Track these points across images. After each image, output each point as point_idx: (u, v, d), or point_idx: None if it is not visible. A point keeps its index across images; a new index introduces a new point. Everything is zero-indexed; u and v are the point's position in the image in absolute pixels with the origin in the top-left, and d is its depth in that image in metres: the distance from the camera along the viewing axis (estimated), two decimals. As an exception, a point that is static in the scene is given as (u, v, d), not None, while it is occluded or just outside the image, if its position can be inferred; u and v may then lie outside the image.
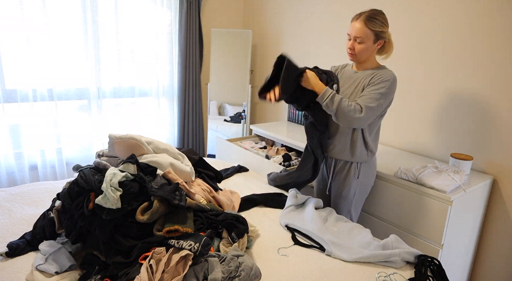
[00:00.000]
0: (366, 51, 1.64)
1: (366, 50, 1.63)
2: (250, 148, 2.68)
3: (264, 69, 3.56)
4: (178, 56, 3.27)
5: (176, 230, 1.20)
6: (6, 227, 1.52)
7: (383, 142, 2.49)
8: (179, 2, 3.15)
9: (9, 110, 2.60)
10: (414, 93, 2.25)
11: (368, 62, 1.71)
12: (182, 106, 3.40)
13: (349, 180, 1.79)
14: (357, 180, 1.78)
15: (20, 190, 1.88)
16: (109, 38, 2.89)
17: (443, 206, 1.70)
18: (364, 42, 1.61)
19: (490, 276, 2.06)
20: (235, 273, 1.12)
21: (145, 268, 1.07)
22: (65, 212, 1.29)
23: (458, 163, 1.89)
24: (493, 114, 1.91)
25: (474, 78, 1.96)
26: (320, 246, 1.41)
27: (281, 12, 3.22)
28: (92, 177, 1.24)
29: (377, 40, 1.62)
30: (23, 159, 2.71)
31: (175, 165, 1.56)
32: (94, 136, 3.00)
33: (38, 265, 1.19)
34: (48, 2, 2.56)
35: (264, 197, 1.83)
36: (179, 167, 1.57)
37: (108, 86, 2.97)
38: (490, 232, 2.02)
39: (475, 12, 1.92)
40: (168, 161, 1.55)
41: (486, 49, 1.90)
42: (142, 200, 1.27)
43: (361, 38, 1.60)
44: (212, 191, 1.66)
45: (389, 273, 1.27)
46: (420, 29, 2.17)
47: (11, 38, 2.50)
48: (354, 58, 1.69)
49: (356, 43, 1.63)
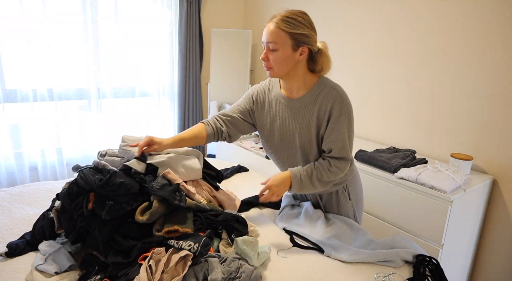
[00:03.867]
0: (285, 63, 1.29)
1: (284, 61, 1.29)
2: (250, 148, 2.68)
3: (264, 69, 3.56)
4: (178, 56, 3.27)
5: (175, 230, 1.20)
6: (6, 227, 1.52)
7: (383, 142, 2.49)
8: (179, 2, 3.15)
9: (9, 110, 2.60)
10: (414, 93, 2.25)
11: (297, 81, 1.36)
12: (182, 106, 3.40)
13: (342, 207, 1.57)
14: (350, 202, 1.57)
15: (20, 190, 1.88)
16: (109, 38, 2.89)
17: (443, 206, 1.70)
18: (278, 48, 1.27)
19: (490, 276, 2.06)
20: (235, 274, 1.12)
21: (144, 268, 1.07)
22: (65, 212, 1.29)
23: (458, 163, 1.89)
24: (493, 115, 1.91)
25: (474, 78, 1.96)
26: (319, 247, 1.41)
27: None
28: (91, 177, 1.24)
29: (297, 46, 1.28)
30: (23, 159, 2.71)
31: (184, 162, 1.59)
32: (94, 137, 3.00)
33: (37, 265, 1.19)
34: (48, 2, 2.56)
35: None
36: (190, 165, 1.60)
37: (108, 86, 2.97)
38: (490, 232, 2.02)
39: (479, 8, 1.92)
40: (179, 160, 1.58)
41: (486, 48, 1.90)
42: (141, 200, 1.27)
43: (274, 44, 1.27)
44: (213, 190, 1.66)
45: (387, 273, 1.27)
46: (420, 28, 2.17)
47: (11, 38, 2.50)
48: (272, 72, 1.34)
49: (270, 52, 1.30)
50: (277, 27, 1.27)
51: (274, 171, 2.34)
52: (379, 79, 2.45)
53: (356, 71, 2.61)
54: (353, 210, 1.59)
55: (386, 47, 2.38)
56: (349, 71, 2.67)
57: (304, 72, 1.37)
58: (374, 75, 2.49)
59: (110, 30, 2.88)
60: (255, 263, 1.22)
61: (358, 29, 2.54)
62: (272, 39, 1.27)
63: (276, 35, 1.27)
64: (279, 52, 1.28)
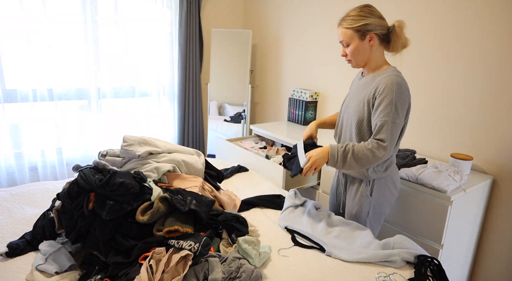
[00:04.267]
0: (359, 52, 1.50)
1: (358, 51, 1.50)
2: (250, 148, 2.68)
3: (264, 69, 3.57)
4: (178, 56, 3.27)
5: (176, 230, 1.20)
6: (6, 227, 1.52)
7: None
8: (179, 2, 3.16)
9: (9, 110, 2.60)
10: (414, 93, 2.25)
11: (372, 64, 1.55)
12: (182, 106, 3.40)
13: (360, 198, 1.60)
14: (370, 198, 1.59)
15: (20, 190, 1.88)
16: (109, 38, 2.89)
17: (443, 206, 1.70)
18: (350, 43, 1.49)
19: (490, 276, 2.06)
20: (236, 274, 1.12)
21: (145, 268, 1.07)
22: (65, 212, 1.29)
23: (458, 163, 1.89)
24: (493, 115, 1.91)
25: (474, 78, 1.96)
26: (320, 246, 1.41)
27: (281, 12, 3.22)
28: (92, 177, 1.24)
29: (363, 36, 1.47)
30: (23, 159, 2.71)
31: (187, 161, 1.60)
32: (94, 137, 3.00)
33: (38, 265, 1.19)
34: (48, 2, 2.56)
35: (262, 199, 1.83)
36: (192, 164, 1.61)
37: (108, 86, 2.97)
38: (490, 232, 2.02)
39: (479, 8, 1.92)
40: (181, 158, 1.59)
41: (487, 48, 1.90)
42: (142, 200, 1.27)
43: (346, 41, 1.50)
44: (213, 190, 1.66)
45: (388, 273, 1.27)
46: (420, 27, 2.17)
47: (11, 38, 2.50)
48: (353, 64, 1.57)
49: (345, 48, 1.53)
50: (342, 27, 1.50)
51: (274, 171, 2.35)
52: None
53: (356, 71, 2.61)
54: (369, 207, 1.60)
55: (386, 47, 2.38)
56: (349, 70, 2.67)
57: (378, 57, 1.53)
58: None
59: (110, 30, 2.88)
60: (256, 262, 1.22)
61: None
62: (342, 38, 1.51)
63: (344, 34, 1.50)
64: (351, 46, 1.50)
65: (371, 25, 1.45)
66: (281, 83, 3.37)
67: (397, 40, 1.48)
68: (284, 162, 1.79)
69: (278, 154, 2.57)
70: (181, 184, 1.55)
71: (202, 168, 1.67)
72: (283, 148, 2.72)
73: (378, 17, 1.47)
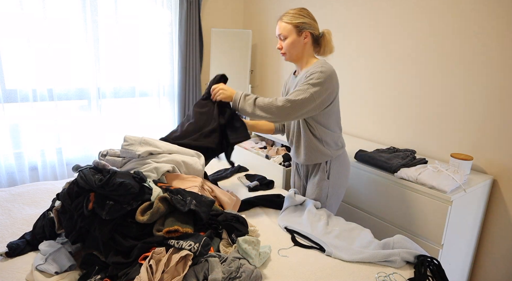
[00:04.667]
0: (294, 46, 1.64)
1: (294, 45, 1.63)
2: (250, 148, 2.68)
3: (264, 69, 3.57)
4: (178, 56, 3.27)
5: (176, 230, 1.20)
6: (6, 227, 1.52)
7: (383, 142, 2.50)
8: (179, 2, 3.15)
9: (9, 110, 2.60)
10: (414, 93, 2.25)
11: (304, 60, 1.69)
12: (183, 106, 3.40)
13: (319, 182, 1.76)
14: (328, 181, 1.75)
15: (20, 190, 1.88)
16: (109, 38, 2.89)
17: (443, 206, 1.70)
18: (287, 36, 1.63)
19: (490, 276, 2.06)
20: (236, 274, 1.12)
21: (145, 268, 1.07)
22: (65, 212, 1.29)
23: (458, 163, 1.89)
24: (493, 115, 1.91)
25: (474, 78, 1.96)
26: (320, 246, 1.41)
27: (281, 12, 3.22)
28: (92, 177, 1.24)
29: (300, 32, 1.62)
30: (23, 159, 2.71)
31: (187, 162, 1.61)
32: (94, 136, 3.00)
33: (38, 265, 1.19)
34: (48, 2, 2.56)
35: (262, 198, 1.83)
36: (192, 165, 1.61)
37: (108, 86, 2.97)
38: (490, 232, 2.02)
39: (478, 8, 1.92)
40: (181, 159, 1.60)
41: (486, 48, 1.90)
42: (142, 200, 1.27)
43: (284, 34, 1.63)
44: (214, 190, 1.66)
45: (388, 273, 1.27)
46: (419, 27, 2.17)
47: (11, 38, 2.50)
48: (286, 57, 1.69)
49: (281, 42, 1.66)
50: (282, 22, 1.64)
51: (274, 171, 2.35)
52: (379, 79, 2.45)
53: (356, 71, 2.61)
54: (327, 190, 1.76)
55: (386, 48, 2.38)
56: (349, 71, 2.67)
57: (309, 55, 1.69)
58: (374, 75, 2.49)
59: (110, 30, 2.88)
60: (256, 262, 1.22)
61: (357, 29, 2.55)
62: (281, 31, 1.64)
63: (282, 28, 1.63)
64: (288, 39, 1.63)
65: (308, 25, 1.62)
66: (281, 83, 3.37)
67: (327, 45, 1.68)
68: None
69: (278, 154, 2.57)
70: (180, 184, 1.55)
71: (201, 169, 1.67)
72: (283, 148, 2.72)
73: (313, 19, 1.65)
